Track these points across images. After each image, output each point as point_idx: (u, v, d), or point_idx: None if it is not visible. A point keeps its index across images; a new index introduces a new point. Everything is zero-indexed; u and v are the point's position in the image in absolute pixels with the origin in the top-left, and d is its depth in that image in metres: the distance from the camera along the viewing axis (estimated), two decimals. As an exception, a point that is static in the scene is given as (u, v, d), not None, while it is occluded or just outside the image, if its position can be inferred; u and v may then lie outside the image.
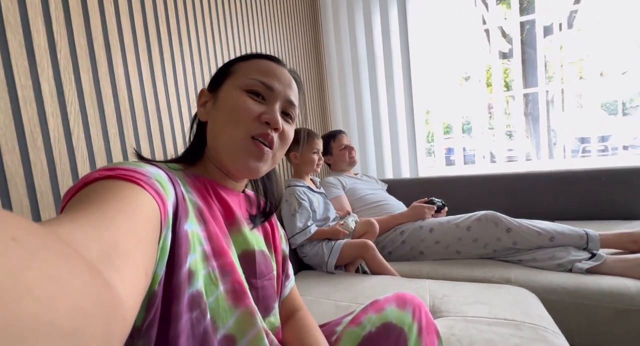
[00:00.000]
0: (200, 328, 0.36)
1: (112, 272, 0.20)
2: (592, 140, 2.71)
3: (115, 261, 0.21)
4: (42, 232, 0.15)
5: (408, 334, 0.53)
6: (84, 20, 0.69)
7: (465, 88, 3.99)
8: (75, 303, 0.14)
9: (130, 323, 0.20)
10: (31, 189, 0.58)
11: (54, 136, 0.62)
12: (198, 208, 0.40)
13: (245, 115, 0.44)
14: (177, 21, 0.94)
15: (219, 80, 0.48)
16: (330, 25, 1.97)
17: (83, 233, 0.21)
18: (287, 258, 0.60)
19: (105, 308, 0.16)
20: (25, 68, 0.59)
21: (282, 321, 0.55)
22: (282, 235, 0.60)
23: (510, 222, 1.10)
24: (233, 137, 0.44)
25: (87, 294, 0.15)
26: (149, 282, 0.26)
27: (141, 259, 0.24)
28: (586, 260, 0.98)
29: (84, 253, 0.19)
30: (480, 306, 0.78)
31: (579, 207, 1.44)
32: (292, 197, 1.20)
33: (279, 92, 0.46)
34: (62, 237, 0.19)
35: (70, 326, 0.13)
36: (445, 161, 2.13)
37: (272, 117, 0.44)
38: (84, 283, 0.15)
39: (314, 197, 1.25)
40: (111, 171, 0.30)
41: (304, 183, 1.27)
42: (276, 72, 0.47)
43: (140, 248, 0.25)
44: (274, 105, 0.46)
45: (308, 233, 1.16)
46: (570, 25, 4.08)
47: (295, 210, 1.17)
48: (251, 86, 0.45)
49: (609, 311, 0.84)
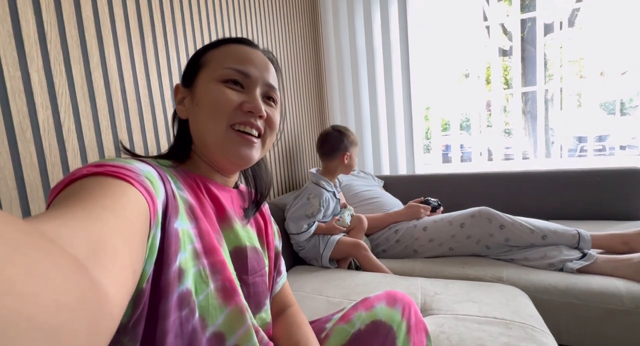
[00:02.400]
0: (188, 326, 0.36)
1: (99, 269, 0.19)
2: (590, 140, 2.71)
3: (102, 258, 0.20)
4: (26, 228, 0.15)
5: (397, 332, 0.54)
6: (75, 9, 0.68)
7: (465, 85, 3.98)
8: (59, 298, 0.14)
9: (117, 320, 0.19)
10: (20, 182, 0.57)
11: (44, 128, 0.61)
12: (189, 206, 0.39)
13: (226, 108, 0.42)
14: (171, 12, 0.92)
15: (191, 74, 0.47)
16: (329, 19, 1.95)
17: (69, 230, 0.20)
18: (279, 254, 0.59)
19: (90, 305, 0.16)
20: (14, 58, 0.57)
21: (273, 317, 0.55)
22: (275, 230, 0.60)
23: (503, 219, 1.11)
24: (217, 131, 0.43)
25: (71, 290, 0.15)
26: (137, 280, 0.26)
27: (129, 257, 0.24)
28: (577, 260, 0.99)
29: (70, 250, 0.18)
30: (471, 304, 0.79)
31: (574, 207, 1.45)
32: (316, 200, 1.17)
33: (256, 77, 0.45)
34: (48, 233, 0.19)
35: (53, 321, 0.13)
36: (442, 158, 2.13)
37: (254, 106, 0.43)
38: (68, 279, 0.15)
39: (332, 203, 1.24)
40: (99, 168, 0.30)
41: (331, 187, 1.24)
42: (250, 56, 0.45)
43: (127, 246, 0.24)
44: (254, 92, 0.44)
45: (310, 233, 1.17)
46: (572, 24, 4.06)
47: (312, 214, 1.16)
48: (227, 76, 0.44)
49: (598, 311, 0.85)
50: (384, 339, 0.53)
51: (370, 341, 0.53)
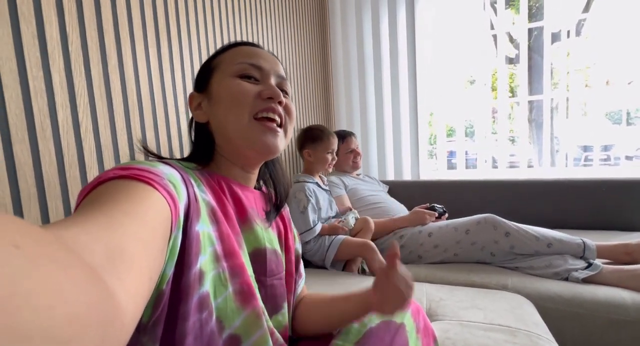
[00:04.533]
0: (207, 328, 0.36)
1: (114, 278, 0.20)
2: (595, 149, 2.70)
3: (118, 266, 0.21)
4: (45, 238, 0.16)
5: (409, 332, 0.54)
6: (95, 12, 0.70)
7: (470, 91, 3.98)
8: (72, 311, 0.14)
9: (130, 330, 0.20)
10: (39, 179, 0.59)
11: (63, 127, 0.63)
12: (211, 209, 0.40)
13: (246, 97, 0.44)
14: (186, 15, 0.94)
15: (204, 79, 0.48)
16: (337, 25, 1.97)
17: (88, 237, 0.21)
18: (299, 257, 0.60)
19: (103, 316, 0.16)
20: (37, 59, 0.59)
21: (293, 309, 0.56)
22: (295, 234, 0.60)
23: (509, 226, 1.11)
24: (241, 123, 0.44)
25: (85, 302, 0.15)
26: (154, 286, 0.27)
27: (146, 264, 0.25)
28: (582, 269, 0.99)
29: (87, 258, 0.19)
30: (476, 311, 0.79)
31: (578, 216, 1.45)
32: (301, 194, 1.20)
33: (268, 69, 0.47)
34: (67, 240, 0.20)
35: (66, 334, 0.13)
36: (447, 164, 2.13)
37: (272, 91, 0.44)
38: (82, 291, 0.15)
39: (321, 195, 1.26)
40: (125, 171, 0.31)
41: (313, 180, 1.27)
42: (259, 52, 0.48)
43: (146, 252, 0.25)
44: (269, 81, 0.46)
45: (314, 232, 1.17)
46: (579, 33, 4.06)
47: (304, 207, 1.17)
48: (241, 71, 0.45)
49: (603, 321, 0.85)
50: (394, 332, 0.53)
51: (381, 336, 0.53)
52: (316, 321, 0.56)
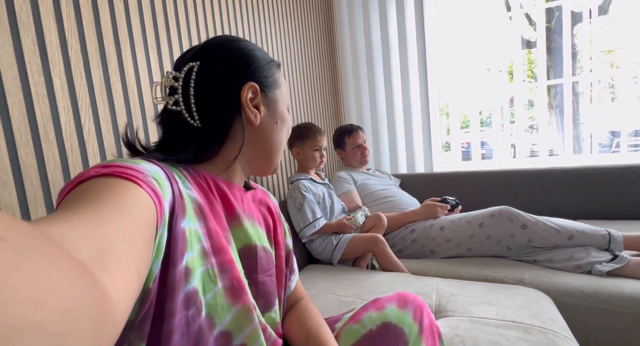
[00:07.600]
0: (195, 325, 0.36)
1: (104, 274, 0.19)
2: (623, 135, 2.53)
3: (107, 262, 0.21)
4: (32, 232, 0.15)
5: (408, 336, 0.52)
6: (94, 17, 0.71)
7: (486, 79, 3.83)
8: (63, 305, 0.14)
9: (121, 325, 0.20)
10: (44, 181, 0.61)
11: (66, 130, 0.65)
12: (197, 205, 0.39)
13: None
14: (186, 16, 0.94)
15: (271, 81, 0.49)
16: (344, 14, 1.93)
17: (75, 233, 0.21)
18: (291, 252, 0.60)
19: (94, 311, 0.16)
20: (38, 65, 0.61)
21: (285, 311, 0.55)
22: (285, 229, 0.60)
23: (526, 218, 1.06)
24: (283, 147, 0.51)
25: (76, 297, 0.15)
26: (143, 282, 0.26)
27: (134, 260, 0.24)
28: (607, 262, 0.93)
29: (76, 253, 0.19)
30: (488, 307, 0.76)
31: (604, 206, 1.37)
32: (296, 192, 1.19)
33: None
34: (54, 236, 0.19)
35: (57, 328, 0.13)
36: (462, 156, 2.06)
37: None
38: (73, 286, 0.15)
39: (317, 189, 1.25)
40: (107, 168, 0.30)
41: (307, 176, 1.26)
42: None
43: (133, 248, 0.25)
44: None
45: (317, 226, 1.16)
46: (605, 11, 3.81)
47: (300, 204, 1.17)
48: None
49: (629, 317, 0.80)
50: (395, 342, 0.52)
51: (381, 344, 0.52)
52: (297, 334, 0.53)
